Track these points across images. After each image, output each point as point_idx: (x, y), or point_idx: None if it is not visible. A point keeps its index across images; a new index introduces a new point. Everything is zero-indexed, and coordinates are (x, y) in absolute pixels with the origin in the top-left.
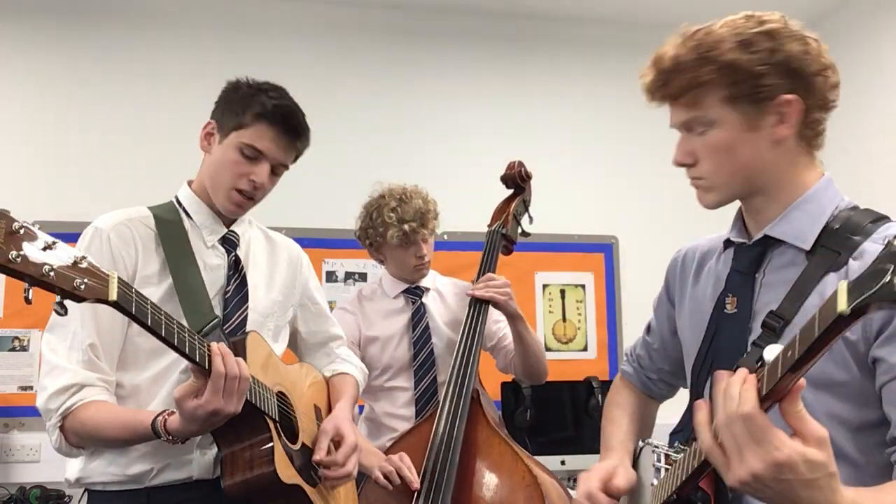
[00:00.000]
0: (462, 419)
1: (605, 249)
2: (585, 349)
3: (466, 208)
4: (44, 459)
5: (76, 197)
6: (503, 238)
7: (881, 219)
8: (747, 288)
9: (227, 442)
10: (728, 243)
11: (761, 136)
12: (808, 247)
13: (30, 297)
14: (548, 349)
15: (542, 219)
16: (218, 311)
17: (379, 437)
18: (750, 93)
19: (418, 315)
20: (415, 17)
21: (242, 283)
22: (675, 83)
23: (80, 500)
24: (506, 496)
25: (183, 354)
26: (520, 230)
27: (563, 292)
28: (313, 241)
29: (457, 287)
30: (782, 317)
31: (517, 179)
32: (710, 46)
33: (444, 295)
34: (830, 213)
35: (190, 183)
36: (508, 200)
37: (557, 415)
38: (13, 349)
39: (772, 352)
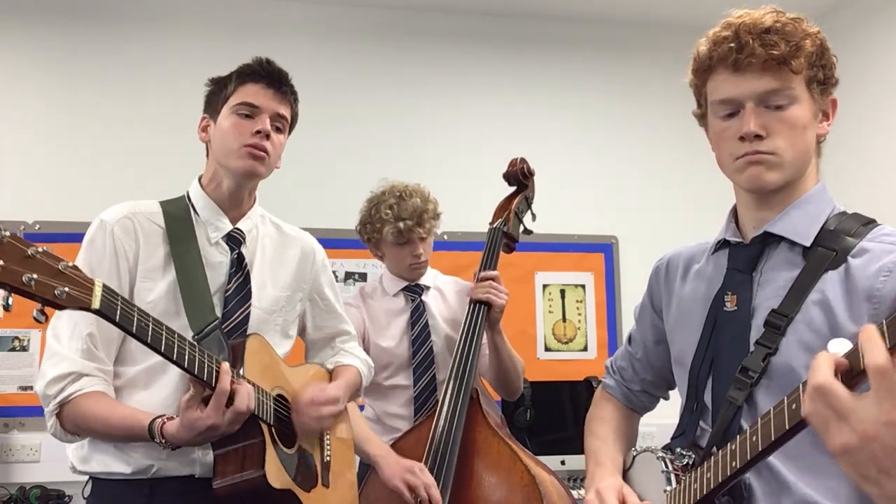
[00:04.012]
0: (461, 419)
1: (605, 249)
2: (585, 349)
3: (467, 208)
4: (44, 459)
5: (79, 197)
6: (504, 236)
7: (871, 222)
8: (747, 285)
9: (221, 442)
10: (722, 244)
11: (815, 126)
12: (808, 243)
13: (9, 304)
14: (548, 349)
15: (542, 219)
16: (218, 310)
17: (381, 437)
18: (822, 80)
19: (417, 313)
20: (415, 17)
21: (245, 282)
22: (782, 47)
23: (84, 487)
24: (504, 496)
25: (174, 362)
26: (522, 228)
27: (563, 292)
28: None
29: (458, 286)
30: (784, 314)
31: (519, 176)
32: (807, 25)
33: (445, 293)
34: (827, 215)
35: (201, 178)
36: (510, 198)
37: (557, 415)
38: (13, 349)
39: (837, 345)
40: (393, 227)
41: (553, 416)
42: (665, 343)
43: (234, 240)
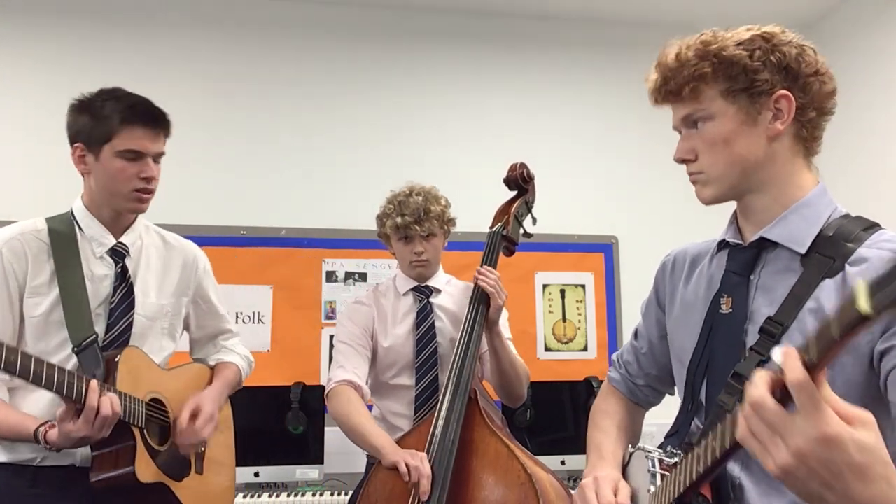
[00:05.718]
0: (459, 419)
1: (605, 249)
2: (585, 349)
3: (468, 210)
4: None
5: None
6: (504, 239)
7: (873, 226)
8: (742, 289)
9: (98, 444)
10: (722, 245)
11: (758, 131)
12: (803, 250)
13: None
14: (548, 349)
15: (542, 219)
16: (102, 321)
17: None
18: (747, 87)
19: (423, 313)
20: (415, 17)
21: (129, 293)
22: (677, 79)
23: None
24: (500, 495)
25: (55, 392)
26: (522, 231)
27: (563, 292)
28: (313, 241)
29: (470, 290)
30: (780, 322)
31: (519, 181)
32: (710, 43)
33: (456, 297)
34: (825, 220)
35: (83, 196)
36: (510, 202)
37: (557, 415)
38: None
39: (778, 354)
40: (392, 221)
41: (553, 416)
42: None
43: (119, 253)
